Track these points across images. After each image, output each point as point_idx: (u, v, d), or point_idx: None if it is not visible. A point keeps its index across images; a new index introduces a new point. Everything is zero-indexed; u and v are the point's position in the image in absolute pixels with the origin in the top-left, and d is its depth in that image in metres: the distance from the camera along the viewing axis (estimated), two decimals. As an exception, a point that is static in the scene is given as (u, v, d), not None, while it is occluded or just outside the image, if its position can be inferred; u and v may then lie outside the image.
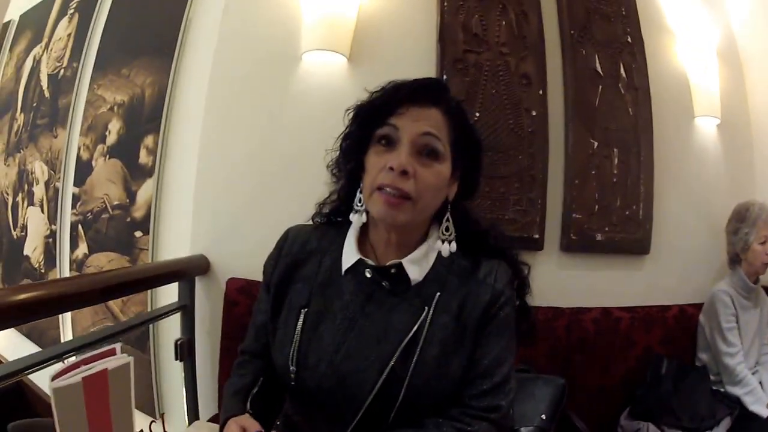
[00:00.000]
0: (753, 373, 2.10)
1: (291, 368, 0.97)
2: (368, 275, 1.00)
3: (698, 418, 1.94)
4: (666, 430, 1.92)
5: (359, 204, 1.03)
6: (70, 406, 0.75)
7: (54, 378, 0.75)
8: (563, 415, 1.65)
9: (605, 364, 2.06)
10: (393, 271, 0.99)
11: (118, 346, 0.84)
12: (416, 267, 0.99)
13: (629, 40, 2.25)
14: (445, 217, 1.02)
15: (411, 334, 0.94)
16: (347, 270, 1.02)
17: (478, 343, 0.97)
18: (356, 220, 1.03)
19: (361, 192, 1.01)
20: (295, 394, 1.02)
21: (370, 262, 1.00)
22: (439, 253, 1.01)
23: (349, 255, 1.02)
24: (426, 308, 0.96)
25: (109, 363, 0.80)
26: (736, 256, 2.20)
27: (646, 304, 2.18)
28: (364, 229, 1.05)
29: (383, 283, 0.99)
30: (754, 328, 2.19)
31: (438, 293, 0.98)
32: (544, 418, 1.53)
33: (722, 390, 2.09)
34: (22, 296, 1.16)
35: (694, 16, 2.44)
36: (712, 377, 2.13)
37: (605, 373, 2.06)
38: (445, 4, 1.94)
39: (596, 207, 2.09)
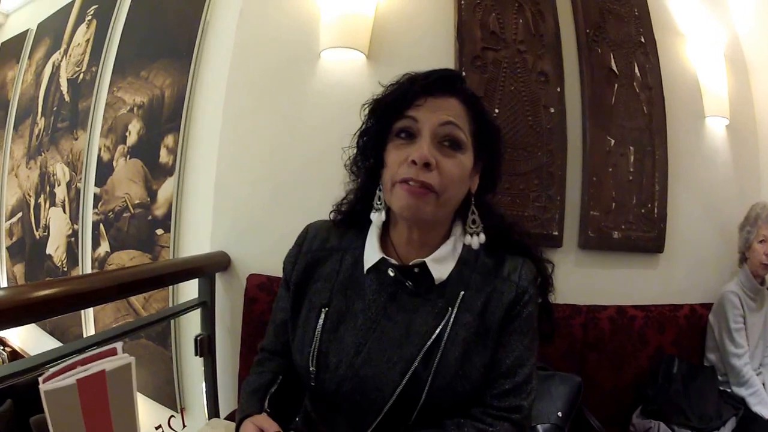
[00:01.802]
0: (757, 375, 2.07)
1: (311, 369, 0.93)
2: (391, 274, 0.94)
3: (707, 418, 1.90)
4: (676, 430, 1.87)
5: (379, 202, 0.97)
6: (64, 409, 0.69)
7: (46, 380, 0.68)
8: (578, 413, 1.60)
9: (619, 363, 2.00)
10: (416, 270, 0.93)
11: (119, 345, 0.77)
12: (440, 266, 0.94)
13: (642, 40, 2.21)
14: (471, 210, 0.96)
15: (434, 337, 0.89)
16: (369, 269, 0.97)
17: (501, 342, 0.92)
18: (376, 218, 0.98)
19: (380, 190, 0.96)
20: (315, 394, 0.98)
21: (393, 261, 0.95)
22: (462, 251, 0.96)
23: (372, 254, 0.97)
24: (450, 309, 0.91)
25: (108, 364, 0.73)
26: (743, 255, 2.18)
27: (659, 303, 2.12)
28: (385, 228, 1.00)
29: (406, 283, 0.94)
30: (759, 330, 2.16)
31: (462, 292, 0.93)
32: (560, 415, 1.50)
33: (729, 390, 2.05)
34: (43, 293, 1.13)
35: (702, 20, 2.41)
36: (720, 378, 2.09)
37: (618, 372, 2.00)
38: (462, 2, 1.90)
39: (613, 205, 2.03)
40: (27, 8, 3.60)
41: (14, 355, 3.05)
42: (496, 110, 1.85)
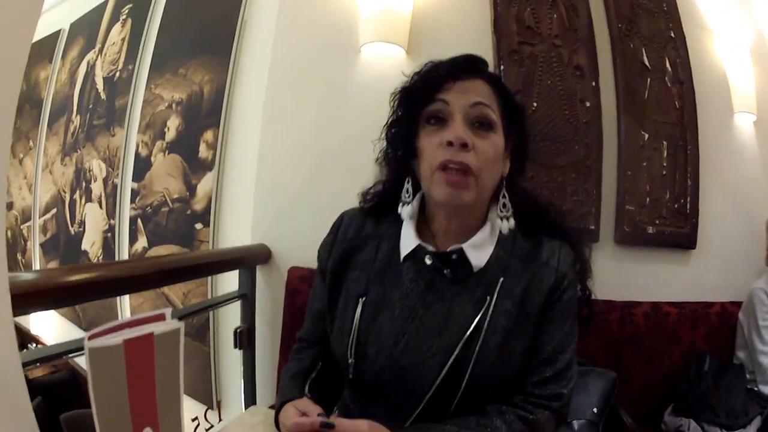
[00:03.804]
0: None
1: (350, 360, 0.91)
2: (428, 262, 0.91)
3: (734, 415, 1.86)
4: (705, 427, 1.83)
5: (407, 195, 0.95)
6: (107, 370, 0.64)
7: (91, 337, 0.65)
8: (611, 409, 1.57)
9: (652, 359, 1.97)
10: (454, 257, 0.91)
11: (167, 311, 0.73)
12: (478, 252, 0.91)
13: (672, 35, 2.17)
14: (501, 194, 0.93)
15: (473, 326, 0.87)
16: (406, 257, 0.94)
17: (541, 329, 0.90)
18: (406, 212, 0.95)
19: (408, 183, 0.94)
20: (354, 385, 0.96)
21: (429, 248, 0.92)
22: (500, 236, 0.93)
23: (408, 241, 0.95)
24: (488, 297, 0.89)
25: (156, 327, 0.69)
26: None
27: (692, 299, 2.08)
28: (422, 215, 0.98)
29: (444, 271, 0.91)
30: None
31: (501, 279, 0.90)
32: (595, 411, 1.47)
33: (756, 389, 1.99)
34: (77, 277, 1.11)
35: (728, 16, 2.36)
36: (748, 375, 2.04)
37: (652, 368, 1.97)
38: (498, -4, 1.87)
39: (647, 199, 2.00)
40: (58, 9, 3.60)
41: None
42: (534, 104, 1.83)
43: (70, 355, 1.17)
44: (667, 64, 2.12)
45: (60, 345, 1.17)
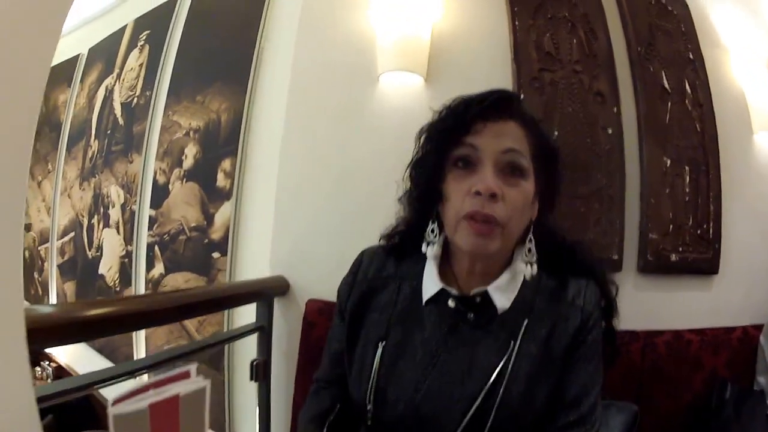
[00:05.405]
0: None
1: (368, 406, 0.88)
2: (452, 305, 0.88)
3: None
4: None
5: (432, 234, 0.91)
6: None
7: (116, 402, 0.61)
8: None
9: (674, 389, 1.90)
10: (478, 300, 0.87)
11: (193, 368, 0.70)
12: (503, 294, 0.88)
13: (690, 56, 2.12)
14: (528, 238, 0.90)
15: (496, 373, 0.83)
16: (428, 300, 0.90)
17: (566, 370, 0.87)
18: (431, 251, 0.92)
19: (433, 222, 0.91)
20: (372, 430, 0.91)
21: (453, 291, 0.89)
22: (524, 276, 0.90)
23: (431, 284, 0.91)
24: (512, 342, 0.85)
25: (182, 387, 0.65)
26: None
27: (713, 325, 2.01)
28: (444, 256, 0.94)
29: (468, 315, 0.87)
30: None
31: (526, 321, 0.87)
32: None
33: None
34: (95, 312, 1.06)
35: (744, 33, 2.31)
36: None
37: (673, 397, 1.90)
38: (517, 23, 1.83)
39: (670, 226, 1.94)
40: (77, 33, 3.62)
41: (60, 371, 3.03)
42: (556, 132, 1.77)
43: (95, 387, 1.13)
44: (687, 87, 2.07)
45: (83, 377, 1.14)
